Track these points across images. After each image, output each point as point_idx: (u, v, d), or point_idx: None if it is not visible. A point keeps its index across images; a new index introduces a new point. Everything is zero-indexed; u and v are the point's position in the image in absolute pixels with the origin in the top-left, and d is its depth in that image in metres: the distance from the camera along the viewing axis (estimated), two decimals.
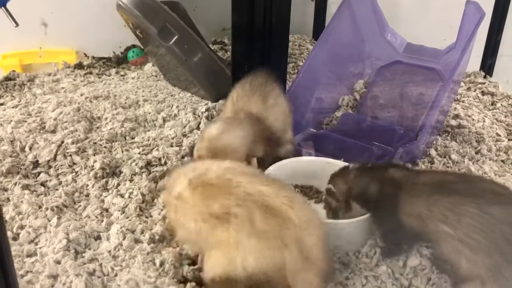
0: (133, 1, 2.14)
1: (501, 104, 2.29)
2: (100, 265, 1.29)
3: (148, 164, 1.75)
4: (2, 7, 2.12)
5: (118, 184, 1.65)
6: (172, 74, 2.41)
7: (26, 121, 1.95)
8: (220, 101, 2.17)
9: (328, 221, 1.36)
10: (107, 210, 1.54)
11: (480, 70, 2.57)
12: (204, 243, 1.12)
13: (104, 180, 1.66)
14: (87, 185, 1.64)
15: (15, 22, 2.17)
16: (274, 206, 1.05)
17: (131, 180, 1.66)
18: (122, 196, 1.59)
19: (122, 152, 1.81)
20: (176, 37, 2.11)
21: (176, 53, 2.12)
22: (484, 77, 2.54)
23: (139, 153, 1.81)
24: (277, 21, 1.84)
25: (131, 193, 1.59)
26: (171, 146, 1.87)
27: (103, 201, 1.57)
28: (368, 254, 1.35)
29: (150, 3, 2.15)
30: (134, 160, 1.75)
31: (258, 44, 1.84)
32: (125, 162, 1.74)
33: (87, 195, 1.61)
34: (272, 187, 1.10)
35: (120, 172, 1.70)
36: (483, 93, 2.39)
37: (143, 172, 1.69)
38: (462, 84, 2.44)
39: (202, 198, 1.11)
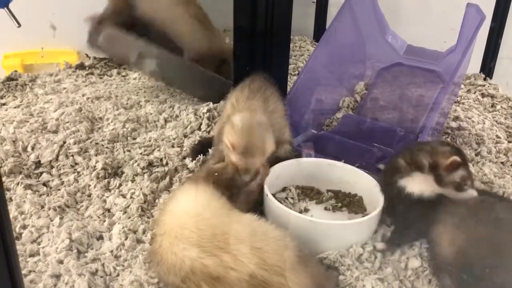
0: (104, 39, 2.18)
1: (501, 106, 2.30)
2: (103, 265, 1.30)
3: (150, 164, 1.75)
4: (5, 8, 2.13)
5: (120, 185, 1.66)
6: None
7: (28, 121, 1.96)
8: (221, 102, 2.19)
9: (320, 222, 1.37)
10: (109, 210, 1.54)
11: (480, 72, 2.59)
12: None
13: (106, 180, 1.67)
14: (89, 185, 1.65)
15: (18, 23, 2.18)
16: None
17: (133, 181, 1.67)
18: (124, 196, 1.59)
19: (124, 152, 1.81)
20: (154, 61, 2.15)
21: (159, 76, 2.16)
22: (484, 79, 2.55)
23: (140, 153, 1.81)
24: (278, 22, 1.85)
25: (133, 193, 1.60)
26: (173, 146, 1.87)
27: (105, 201, 1.58)
28: (368, 259, 1.35)
29: (120, 38, 2.17)
30: (136, 161, 1.75)
31: (260, 45, 1.85)
32: (127, 163, 1.75)
33: (89, 195, 1.62)
34: None
35: (122, 172, 1.71)
36: (483, 95, 2.40)
37: (144, 173, 1.70)
38: (462, 86, 2.45)
39: None
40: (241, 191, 1.41)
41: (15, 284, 0.85)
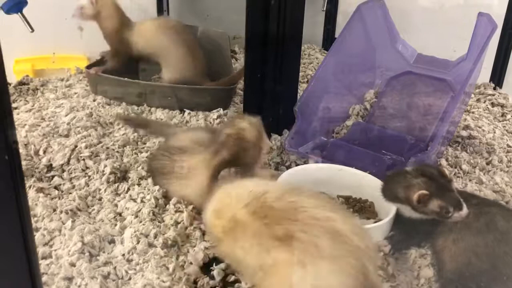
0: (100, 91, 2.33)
1: (511, 116, 2.29)
2: (115, 268, 1.30)
3: None
4: (18, 13, 2.16)
5: (128, 189, 1.65)
6: None
7: (40, 125, 1.97)
8: (232, 108, 2.23)
9: None
10: (120, 214, 1.54)
11: (490, 81, 2.59)
12: (257, 269, 1.08)
13: (116, 184, 1.67)
14: (99, 189, 1.65)
15: (31, 28, 2.20)
16: (342, 232, 1.04)
17: (139, 184, 1.66)
18: (134, 200, 1.59)
19: (132, 155, 1.82)
20: (156, 96, 2.23)
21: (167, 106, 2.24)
22: (494, 88, 2.55)
23: (146, 157, 1.81)
24: (290, 30, 1.86)
25: (143, 197, 1.59)
26: None
27: (116, 205, 1.58)
28: (380, 266, 1.34)
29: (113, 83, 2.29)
30: (140, 164, 1.76)
31: (271, 52, 1.86)
32: (132, 166, 1.75)
33: (99, 199, 1.62)
34: (338, 213, 1.08)
35: (129, 177, 1.71)
36: (493, 104, 2.40)
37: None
38: (472, 95, 2.45)
39: (263, 222, 1.08)
40: None
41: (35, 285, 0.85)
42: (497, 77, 2.57)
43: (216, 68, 2.40)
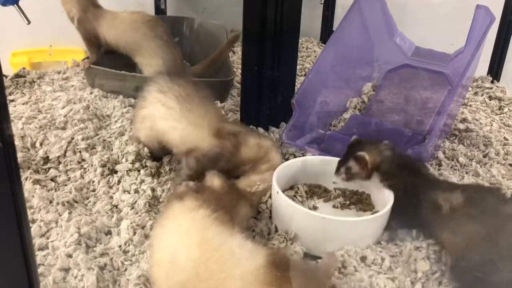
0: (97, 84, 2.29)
1: (509, 109, 2.29)
2: (111, 259, 1.30)
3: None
4: (15, 5, 2.15)
5: (119, 181, 1.64)
6: None
7: (36, 118, 1.96)
8: (229, 101, 2.22)
9: (334, 219, 1.36)
10: (116, 206, 1.54)
11: (487, 75, 2.58)
12: None
13: (108, 177, 1.67)
14: (93, 181, 1.64)
15: (27, 20, 2.19)
16: None
17: (128, 176, 1.66)
18: (128, 192, 1.59)
19: (123, 145, 1.81)
20: None
21: None
22: (492, 81, 2.54)
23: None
24: (287, 23, 1.85)
25: (136, 189, 1.59)
26: None
27: (111, 197, 1.58)
28: (375, 261, 1.34)
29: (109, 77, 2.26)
30: (123, 155, 1.74)
31: (269, 45, 1.85)
32: (120, 158, 1.74)
33: (93, 190, 1.62)
34: None
35: (116, 170, 1.70)
36: (490, 97, 2.40)
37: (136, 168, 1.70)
38: (470, 88, 2.44)
39: None
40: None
41: (31, 279, 0.86)
42: (495, 71, 2.56)
43: None
